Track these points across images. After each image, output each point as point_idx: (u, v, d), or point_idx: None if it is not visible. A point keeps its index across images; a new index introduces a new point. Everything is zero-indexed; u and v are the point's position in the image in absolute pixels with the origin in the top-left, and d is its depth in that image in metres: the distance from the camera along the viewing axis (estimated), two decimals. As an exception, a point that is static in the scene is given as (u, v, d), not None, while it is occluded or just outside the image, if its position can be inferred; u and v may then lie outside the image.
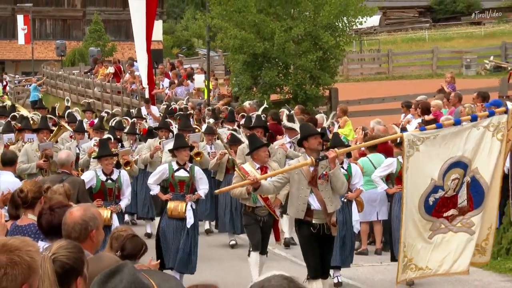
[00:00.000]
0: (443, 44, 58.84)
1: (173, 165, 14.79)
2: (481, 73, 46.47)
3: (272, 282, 3.14)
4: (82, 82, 48.33)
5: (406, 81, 44.19)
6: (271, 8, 31.06)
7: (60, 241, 5.38)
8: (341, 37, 32.67)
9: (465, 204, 10.57)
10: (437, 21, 76.06)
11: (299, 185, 12.28)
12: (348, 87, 38.14)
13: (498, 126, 10.46)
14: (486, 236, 10.66)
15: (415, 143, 10.45)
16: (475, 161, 10.51)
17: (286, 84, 32.07)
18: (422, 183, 10.52)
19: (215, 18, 32.69)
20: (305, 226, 12.38)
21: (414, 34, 69.64)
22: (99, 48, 57.25)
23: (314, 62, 30.87)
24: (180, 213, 14.42)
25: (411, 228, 10.56)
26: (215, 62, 48.63)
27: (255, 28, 30.83)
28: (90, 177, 14.36)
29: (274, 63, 31.88)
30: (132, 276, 3.85)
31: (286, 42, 30.36)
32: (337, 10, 31.06)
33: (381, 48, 57.13)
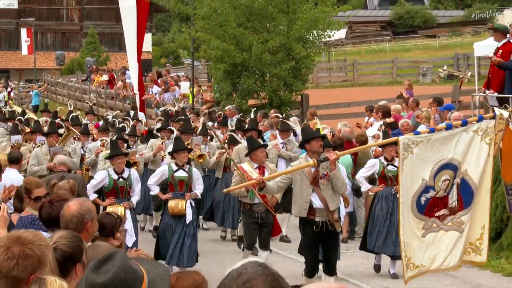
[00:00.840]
0: (402, 54, 59.00)
1: (172, 166, 14.43)
2: (436, 80, 46.60)
3: (248, 269, 3.11)
4: (79, 88, 48.41)
5: (369, 87, 44.26)
6: (249, 22, 31.06)
7: (61, 231, 5.38)
8: (312, 49, 32.73)
9: (455, 204, 10.35)
10: (397, 34, 76.24)
11: (301, 185, 11.96)
12: (317, 93, 38.14)
13: (486, 130, 10.25)
14: (480, 235, 10.41)
15: (410, 146, 10.22)
16: (464, 164, 10.29)
17: (263, 90, 32.10)
18: (415, 183, 10.31)
19: (199, 31, 32.70)
20: (308, 225, 12.02)
21: (377, 46, 69.76)
22: (94, 58, 57.19)
23: (288, 70, 30.91)
24: (181, 210, 14.03)
25: (407, 228, 10.34)
26: (198, 71, 48.59)
27: (235, 40, 30.84)
28: (102, 176, 14.10)
29: (252, 71, 31.88)
30: (123, 262, 3.86)
31: (262, 53, 30.38)
32: (308, 24, 31.11)
33: (347, 58, 57.32)
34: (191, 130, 19.16)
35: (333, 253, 12.27)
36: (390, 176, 14.49)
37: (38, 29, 61.75)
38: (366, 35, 76.30)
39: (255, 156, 13.65)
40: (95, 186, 14.08)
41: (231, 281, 3.09)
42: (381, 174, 14.60)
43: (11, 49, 66.28)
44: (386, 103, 24.48)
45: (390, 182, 14.51)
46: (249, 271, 3.10)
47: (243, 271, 3.10)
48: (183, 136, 17.17)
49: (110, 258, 3.89)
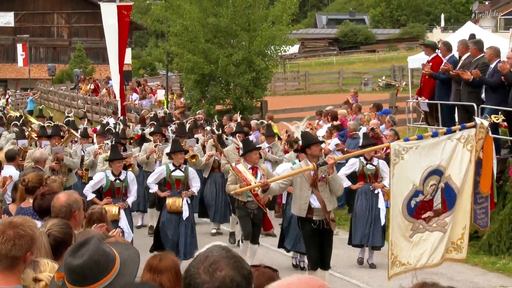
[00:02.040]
0: (347, 67, 59.19)
1: (170, 166, 13.96)
2: (375, 89, 46.80)
3: (214, 253, 3.08)
4: (68, 96, 48.27)
5: (319, 95, 44.32)
6: (216, 38, 31.06)
7: (53, 220, 5.38)
8: (270, 62, 32.78)
9: (440, 207, 9.98)
10: (343, 49, 76.52)
11: (301, 186, 11.45)
12: (275, 100, 38.16)
13: (468, 138, 9.92)
14: (461, 235, 10.06)
15: (400, 153, 9.78)
16: (448, 169, 9.91)
17: (228, 97, 32.10)
18: (405, 188, 9.86)
19: (172, 46, 32.70)
20: (307, 222, 11.52)
21: (325, 59, 69.97)
22: (81, 69, 57.05)
23: (249, 80, 30.96)
24: (178, 207, 13.59)
25: (396, 229, 9.90)
26: (172, 80, 48.41)
27: (204, 54, 30.82)
28: (100, 177, 13.62)
29: (218, 81, 31.87)
30: (97, 246, 3.79)
31: (227, 65, 30.39)
32: (267, 41, 31.19)
33: (300, 70, 57.38)
34: (185, 133, 18.63)
35: (327, 249, 11.79)
36: (369, 174, 14.25)
37: (32, 44, 61.29)
38: (316, 50, 76.51)
39: (249, 158, 13.35)
40: (93, 187, 13.63)
41: (198, 264, 3.06)
42: (361, 172, 14.29)
43: (9, 61, 65.82)
44: (333, 108, 24.55)
45: (368, 179, 14.26)
46: (215, 254, 3.07)
47: (209, 254, 3.07)
48: (180, 140, 16.55)
49: (86, 243, 3.83)
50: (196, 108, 31.17)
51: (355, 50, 75.48)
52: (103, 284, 3.74)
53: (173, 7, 31.58)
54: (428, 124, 19.19)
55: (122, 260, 3.87)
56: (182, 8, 30.86)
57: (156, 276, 5.39)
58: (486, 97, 16.52)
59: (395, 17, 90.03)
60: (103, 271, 3.75)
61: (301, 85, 51.56)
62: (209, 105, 31.84)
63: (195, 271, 3.03)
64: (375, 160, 14.41)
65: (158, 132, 18.88)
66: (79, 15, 66.63)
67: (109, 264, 3.78)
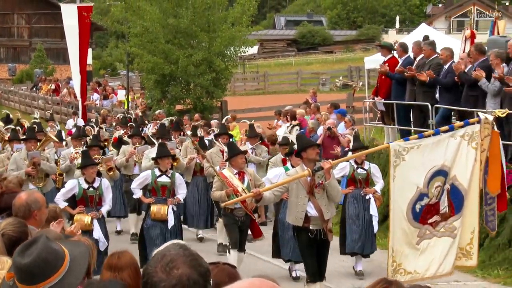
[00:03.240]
0: (305, 67, 59.40)
1: (155, 171, 13.12)
2: (333, 89, 47.06)
3: (171, 251, 3.06)
4: (29, 96, 47.78)
5: (278, 95, 44.45)
6: (176, 39, 30.95)
7: (7, 219, 5.35)
8: (229, 62, 32.76)
9: (447, 210, 9.22)
10: (301, 50, 76.75)
11: (297, 193, 10.56)
12: (235, 100, 38.17)
13: (472, 135, 9.16)
14: (470, 240, 9.28)
15: (401, 153, 9.09)
16: (453, 169, 9.15)
17: (188, 97, 32.03)
18: (408, 191, 9.14)
19: (133, 47, 32.51)
20: (303, 232, 10.65)
21: (284, 60, 70.16)
22: (42, 69, 56.65)
23: (209, 80, 30.92)
24: (163, 215, 12.77)
25: (399, 235, 9.15)
26: (133, 81, 48.17)
27: (164, 54, 30.72)
28: (72, 185, 12.56)
29: (178, 81, 31.78)
30: (45, 244, 3.76)
31: (187, 66, 30.31)
32: (226, 42, 31.17)
33: (259, 70, 57.49)
34: (166, 135, 17.64)
35: (322, 261, 10.89)
36: (359, 179, 13.42)
37: (-8, 44, 61.04)
38: (275, 51, 76.64)
39: (234, 162, 12.44)
40: (64, 195, 12.64)
41: (156, 262, 3.04)
42: (351, 177, 13.47)
43: (-31, 62, 65.31)
44: (292, 108, 24.63)
45: (359, 184, 13.45)
46: (172, 253, 3.05)
47: (167, 252, 3.05)
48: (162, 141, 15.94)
49: (34, 242, 3.81)
50: (156, 108, 31.10)
51: (313, 51, 75.75)
52: (53, 282, 3.71)
53: (133, 8, 31.41)
54: (384, 124, 19.33)
55: (72, 257, 3.85)
56: (142, 9, 30.75)
57: (116, 273, 5.40)
58: (440, 97, 16.68)
59: (351, 19, 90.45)
60: (52, 269, 3.72)
61: (261, 86, 51.69)
62: (170, 105, 31.79)
63: (153, 270, 3.00)
64: (366, 164, 13.65)
65: (137, 134, 18.21)
66: (40, 16, 66.03)
67: (58, 262, 3.75)
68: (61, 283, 3.73)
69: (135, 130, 18.99)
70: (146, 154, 16.11)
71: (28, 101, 46.89)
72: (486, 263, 14.04)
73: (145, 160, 15.82)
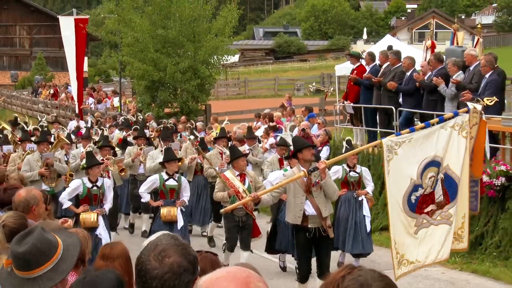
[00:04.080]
0: (282, 74, 59.46)
1: (163, 175, 12.50)
2: (307, 94, 47.08)
3: (163, 241, 3.04)
4: (30, 100, 47.63)
5: (257, 99, 44.44)
6: (164, 48, 30.86)
7: (8, 212, 5.35)
8: (213, 69, 32.70)
9: (442, 199, 8.76)
10: (278, 58, 76.84)
11: (295, 193, 10.04)
12: (218, 104, 38.15)
13: (462, 125, 8.70)
14: (461, 224, 8.84)
15: (393, 148, 8.64)
16: (446, 159, 8.68)
17: (175, 101, 31.94)
18: (403, 184, 8.70)
19: (125, 55, 32.39)
20: (301, 232, 10.07)
21: (262, 67, 70.13)
22: (41, 76, 56.48)
23: (194, 86, 30.85)
24: (173, 217, 12.22)
25: (398, 226, 8.71)
26: (125, 86, 47.97)
27: (153, 62, 30.61)
28: (77, 185, 11.98)
29: (166, 87, 31.68)
30: (40, 234, 3.79)
31: (175, 73, 30.22)
32: (210, 51, 31.13)
33: (240, 77, 57.45)
34: (170, 137, 16.83)
35: (325, 257, 10.25)
36: (352, 182, 12.88)
37: (-4, 53, 60.74)
38: (254, 59, 76.65)
39: (236, 165, 11.85)
40: (69, 194, 12.01)
41: (149, 251, 3.02)
42: (344, 180, 12.90)
43: (-26, 69, 64.96)
44: (269, 111, 24.65)
45: (352, 187, 12.90)
46: (164, 243, 3.04)
47: (159, 242, 3.05)
48: (165, 143, 15.62)
49: (30, 232, 3.83)
50: (147, 111, 31.02)
51: (288, 59, 75.85)
52: (46, 268, 3.73)
53: (125, 21, 31.29)
54: (353, 125, 19.39)
55: (65, 246, 3.87)
56: (133, 22, 30.65)
57: (109, 262, 5.44)
58: (403, 101, 16.78)
59: (323, 30, 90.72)
60: (45, 257, 3.74)
61: (241, 91, 51.65)
62: (159, 108, 31.68)
63: (146, 258, 2.99)
64: (358, 167, 13.09)
65: (142, 136, 17.61)
66: (40, 27, 65.72)
67: (51, 251, 3.77)
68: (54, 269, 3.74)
69: (140, 131, 18.42)
70: (150, 155, 15.73)
71: (29, 105, 46.71)
72: (444, 251, 14.15)
73: (149, 161, 15.38)
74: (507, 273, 12.57)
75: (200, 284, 2.49)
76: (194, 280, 2.94)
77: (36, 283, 3.70)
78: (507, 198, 13.50)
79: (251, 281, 2.45)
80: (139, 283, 2.99)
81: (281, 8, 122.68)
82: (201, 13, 31.15)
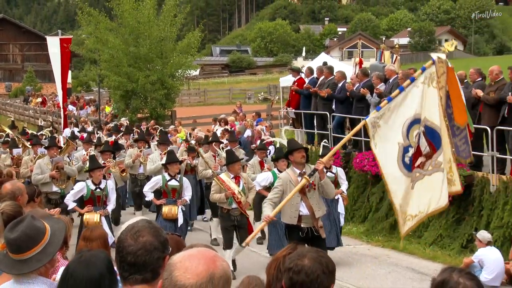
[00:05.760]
0: (235, 85, 59.49)
1: (165, 176, 11.61)
2: (256, 101, 47.22)
3: (139, 224, 3.03)
4: (21, 107, 46.90)
5: (215, 106, 44.35)
6: (136, 64, 30.67)
7: (6, 202, 5.29)
8: (178, 81, 32.65)
9: (429, 150, 7.68)
10: (232, 72, 76.81)
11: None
12: (182, 110, 38.00)
13: (431, 76, 7.67)
14: (449, 169, 7.77)
15: (376, 122, 7.72)
16: (423, 113, 7.64)
17: (146, 108, 31.76)
18: (392, 151, 7.68)
19: (103, 69, 32.17)
20: (294, 231, 8.91)
21: (219, 80, 70.11)
22: (32, 87, 55.73)
23: (162, 95, 30.77)
24: (174, 215, 11.33)
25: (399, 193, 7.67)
26: (103, 95, 47.40)
27: (127, 75, 30.40)
28: (81, 187, 11.05)
29: (138, 95, 31.48)
30: (29, 222, 3.74)
31: (145, 84, 30.09)
32: (176, 66, 31.19)
33: (200, 87, 57.40)
34: (168, 141, 15.90)
35: None
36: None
37: (-8, 67, 59.60)
38: (212, 72, 76.51)
39: (231, 168, 10.88)
40: (73, 195, 11.10)
41: (126, 232, 3.02)
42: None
43: (-27, 81, 63.74)
44: (225, 116, 24.66)
45: None
46: (139, 225, 3.04)
47: (135, 225, 3.05)
48: (161, 147, 14.82)
49: (21, 221, 3.78)
50: (122, 116, 30.81)
51: (241, 73, 75.93)
52: (35, 252, 3.70)
53: (103, 41, 31.04)
54: (295, 127, 19.48)
55: (52, 231, 3.83)
56: (109, 41, 30.45)
57: (88, 243, 5.50)
58: (336, 107, 16.91)
59: (269, 49, 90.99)
60: (34, 242, 3.71)
61: (201, 99, 51.52)
62: (132, 113, 31.46)
63: (124, 237, 2.99)
64: (334, 168, 12.18)
65: (142, 139, 16.76)
66: (30, 45, 64.70)
67: (39, 236, 3.73)
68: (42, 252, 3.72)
69: (140, 135, 17.60)
70: (150, 158, 14.84)
71: (21, 111, 46.08)
72: (369, 231, 14.30)
73: (150, 163, 14.61)
74: (420, 249, 12.83)
75: (174, 260, 2.49)
76: (164, 257, 2.95)
77: (26, 264, 3.68)
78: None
79: (217, 260, 2.48)
80: (117, 257, 2.98)
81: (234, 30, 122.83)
82: (167, 34, 31.07)
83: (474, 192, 12.53)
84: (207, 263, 2.44)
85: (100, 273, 3.22)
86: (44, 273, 3.75)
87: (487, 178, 12.38)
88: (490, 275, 10.23)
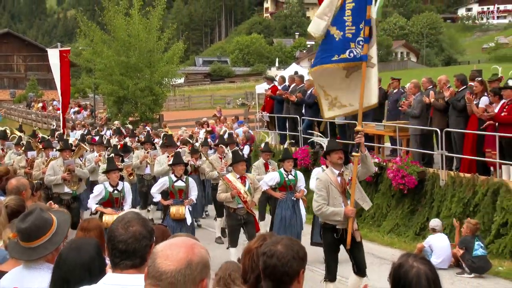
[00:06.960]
0: (216, 92, 59.45)
1: (172, 177, 10.85)
2: (235, 106, 47.16)
3: (129, 215, 3.01)
4: (25, 111, 46.38)
5: (198, 110, 44.23)
6: (127, 72, 30.48)
7: (10, 196, 5.22)
8: (165, 88, 32.49)
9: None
10: (213, 80, 76.69)
11: (333, 195, 7.73)
12: (168, 114, 37.86)
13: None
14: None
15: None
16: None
17: (136, 112, 31.57)
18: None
19: (97, 78, 31.95)
20: (329, 232, 7.84)
21: (202, 87, 69.90)
22: (34, 93, 55.18)
23: (151, 101, 30.63)
24: (181, 215, 10.53)
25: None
26: (98, 101, 47.16)
27: (119, 83, 30.20)
28: (99, 190, 10.33)
29: (129, 101, 31.26)
30: (38, 214, 3.75)
31: (135, 91, 29.93)
32: (163, 74, 30.99)
33: (185, 94, 57.16)
34: (174, 144, 14.90)
35: (360, 255, 7.86)
36: (289, 185, 10.88)
37: (-2, 76, 58.88)
38: (196, 81, 76.25)
39: (236, 168, 10.13)
40: (94, 198, 10.38)
41: (118, 222, 3.02)
42: (283, 183, 10.91)
43: (-19, 89, 63.01)
44: (206, 119, 24.58)
45: (289, 189, 10.91)
46: (129, 216, 3.05)
47: (125, 216, 3.05)
48: (168, 149, 14.02)
49: (31, 212, 3.80)
50: (115, 119, 30.59)
51: (221, 81, 75.81)
52: (43, 240, 3.72)
53: (98, 52, 30.86)
54: (269, 129, 19.49)
55: (58, 223, 3.84)
56: (103, 52, 30.26)
57: (86, 233, 5.40)
58: (306, 111, 16.94)
59: (246, 60, 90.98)
60: (42, 231, 3.72)
61: (186, 104, 51.34)
62: (124, 117, 31.24)
63: (115, 227, 2.98)
64: (293, 171, 11.17)
65: (149, 141, 16.12)
66: (32, 57, 64.03)
67: (46, 227, 3.74)
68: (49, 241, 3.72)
69: (147, 138, 16.83)
70: (157, 160, 14.17)
71: (24, 115, 45.52)
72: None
73: (157, 165, 13.95)
74: (379, 236, 12.89)
75: (157, 249, 2.48)
76: (151, 245, 2.95)
77: (35, 252, 3.69)
78: (379, 182, 13.83)
79: (195, 247, 2.47)
80: (109, 246, 2.97)
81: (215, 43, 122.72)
82: (155, 46, 30.94)
83: (426, 186, 12.66)
84: (187, 251, 2.43)
85: (90, 256, 3.25)
86: (51, 260, 3.75)
87: (437, 173, 12.50)
88: (438, 259, 10.38)
